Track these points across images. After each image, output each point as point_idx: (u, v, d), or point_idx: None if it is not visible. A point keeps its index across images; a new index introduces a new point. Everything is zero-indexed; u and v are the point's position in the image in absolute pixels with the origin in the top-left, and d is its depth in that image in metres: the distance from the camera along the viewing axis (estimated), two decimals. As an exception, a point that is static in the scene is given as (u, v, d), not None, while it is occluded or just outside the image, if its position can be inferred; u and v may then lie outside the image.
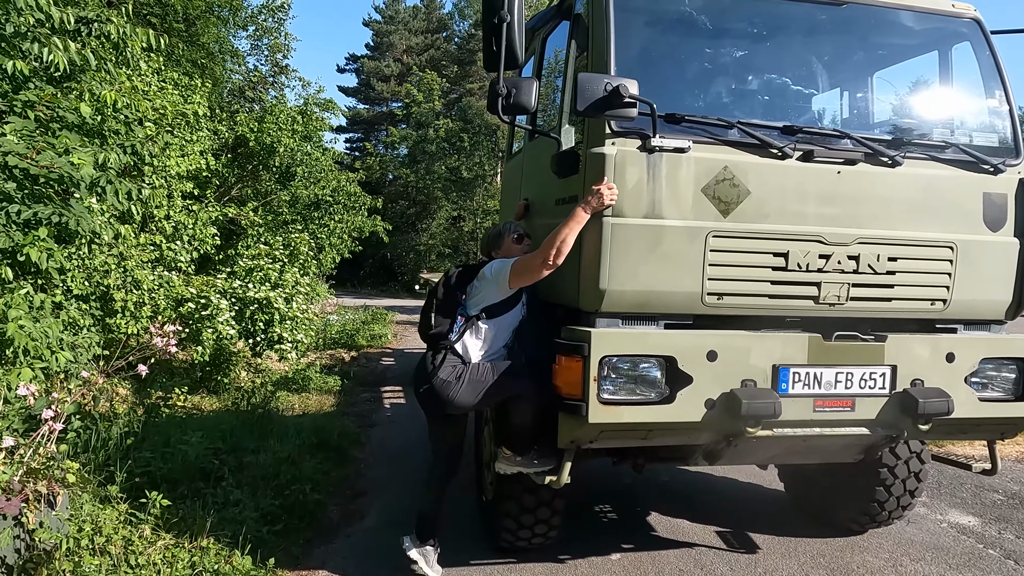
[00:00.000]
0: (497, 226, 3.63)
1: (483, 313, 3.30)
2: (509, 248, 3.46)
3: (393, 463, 5.63)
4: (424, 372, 3.28)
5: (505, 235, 3.50)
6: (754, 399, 2.83)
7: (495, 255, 3.50)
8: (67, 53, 4.68)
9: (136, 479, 4.26)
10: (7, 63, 4.37)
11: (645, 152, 2.85)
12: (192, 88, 9.50)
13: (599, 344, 2.79)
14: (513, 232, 3.50)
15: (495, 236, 3.55)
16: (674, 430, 2.97)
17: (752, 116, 3.10)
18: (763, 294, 3.00)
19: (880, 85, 3.59)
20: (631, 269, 2.86)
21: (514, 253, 3.43)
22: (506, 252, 3.46)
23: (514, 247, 3.46)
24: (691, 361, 2.87)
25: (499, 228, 3.58)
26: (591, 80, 2.71)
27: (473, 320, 3.30)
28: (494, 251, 3.51)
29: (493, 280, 3.27)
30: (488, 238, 3.60)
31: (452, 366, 3.22)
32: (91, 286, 6.73)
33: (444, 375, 3.19)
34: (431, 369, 3.23)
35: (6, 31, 4.58)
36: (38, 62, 4.71)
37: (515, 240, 3.49)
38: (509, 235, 3.49)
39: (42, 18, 4.67)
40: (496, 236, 3.54)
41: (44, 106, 4.48)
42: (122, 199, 4.87)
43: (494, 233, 3.57)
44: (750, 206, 2.95)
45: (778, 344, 2.96)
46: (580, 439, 2.95)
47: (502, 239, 3.49)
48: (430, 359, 3.27)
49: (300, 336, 8.36)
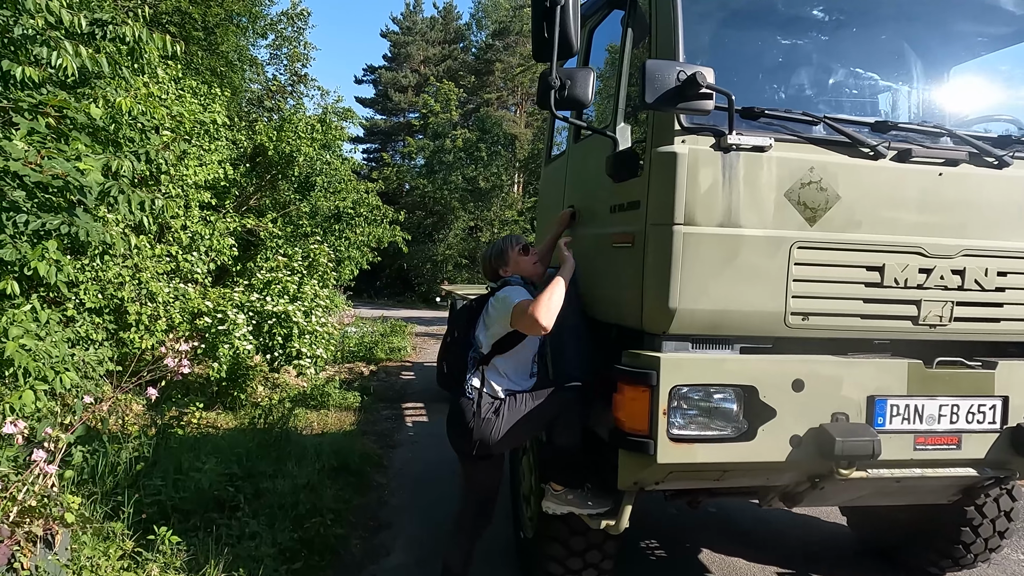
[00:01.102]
0: (495, 243, 3.32)
1: (495, 348, 3.01)
2: (518, 262, 3.21)
3: (417, 489, 5.27)
4: (459, 418, 2.97)
5: (509, 250, 3.23)
6: (849, 436, 2.43)
7: (504, 272, 3.21)
8: (78, 58, 4.41)
9: (144, 511, 3.94)
10: (16, 68, 4.11)
11: (720, 151, 2.48)
12: (211, 96, 9.30)
13: (670, 372, 2.42)
14: (516, 245, 3.25)
15: (497, 255, 3.26)
16: (753, 471, 2.58)
17: (835, 111, 2.73)
18: (855, 314, 2.61)
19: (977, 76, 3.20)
20: (704, 285, 2.49)
21: (524, 266, 3.18)
22: (515, 267, 3.19)
23: (522, 260, 3.21)
24: (774, 391, 2.48)
25: (499, 245, 3.28)
26: (661, 68, 2.36)
27: (488, 358, 3.01)
28: (502, 269, 3.22)
29: (498, 318, 2.99)
30: (490, 258, 3.29)
31: (488, 403, 2.91)
32: (105, 299, 6.48)
33: (481, 414, 2.88)
34: (470, 415, 2.91)
35: (14, 34, 4.32)
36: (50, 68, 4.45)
37: (521, 252, 3.22)
38: (513, 249, 3.23)
39: (53, 21, 4.42)
40: (499, 254, 3.25)
41: (53, 108, 4.20)
42: (135, 209, 4.59)
43: (495, 252, 3.27)
44: (840, 213, 2.57)
45: (873, 372, 2.57)
46: (645, 481, 2.57)
47: (506, 255, 3.22)
48: (465, 405, 2.96)
49: (319, 351, 8.06)
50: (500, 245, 3.27)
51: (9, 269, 4.08)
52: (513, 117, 35.22)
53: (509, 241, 3.27)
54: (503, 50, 36.18)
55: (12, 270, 4.07)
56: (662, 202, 2.51)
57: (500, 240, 3.33)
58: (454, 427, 3.03)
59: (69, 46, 4.39)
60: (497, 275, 3.23)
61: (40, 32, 4.34)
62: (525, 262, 3.22)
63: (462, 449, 3.04)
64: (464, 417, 2.94)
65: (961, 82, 3.20)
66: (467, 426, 2.90)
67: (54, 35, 4.39)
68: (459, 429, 2.97)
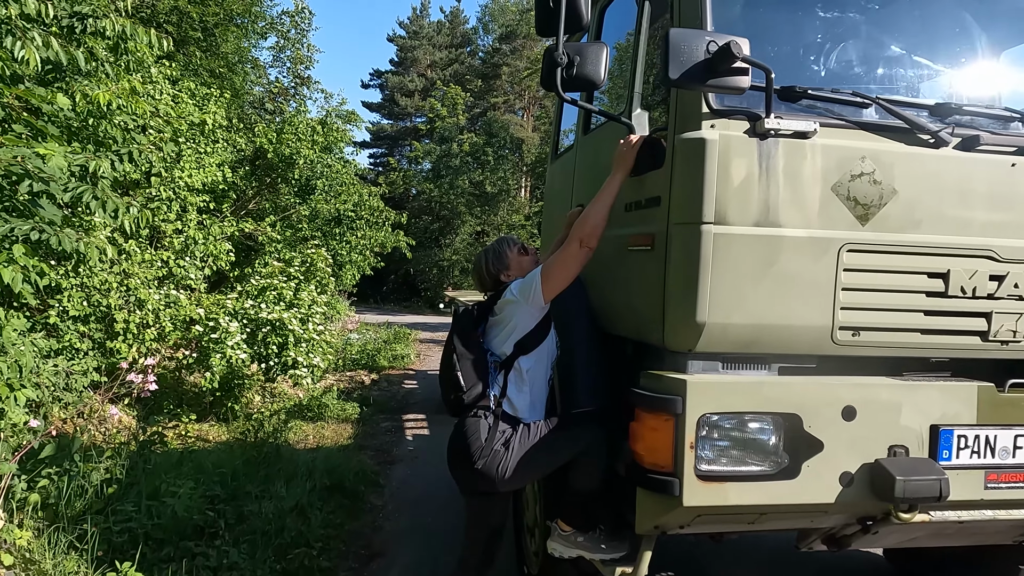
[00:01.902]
0: (488, 249, 3.00)
1: (517, 349, 2.62)
2: (519, 263, 2.89)
3: (415, 512, 4.90)
4: (463, 446, 2.56)
5: (507, 252, 2.92)
6: (912, 475, 2.05)
7: (505, 278, 2.84)
8: (47, 50, 4.08)
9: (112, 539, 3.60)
10: None
11: (756, 137, 2.12)
12: (208, 97, 9.00)
13: (698, 397, 2.04)
14: (513, 245, 2.96)
15: (495, 259, 2.92)
16: (795, 513, 2.20)
17: (886, 92, 2.35)
18: (914, 328, 2.23)
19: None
20: (738, 295, 2.12)
21: (527, 266, 2.82)
22: (518, 269, 2.85)
23: (524, 260, 2.90)
24: (821, 420, 2.10)
25: (495, 249, 2.96)
26: (687, 38, 1.99)
27: (511, 362, 2.62)
28: (503, 274, 2.88)
29: (522, 298, 2.60)
30: (486, 264, 2.94)
31: (501, 432, 2.51)
32: (90, 306, 6.16)
33: (487, 447, 2.48)
34: (477, 444, 2.50)
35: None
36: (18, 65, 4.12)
37: (521, 252, 2.93)
38: (511, 250, 2.93)
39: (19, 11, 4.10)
40: (497, 257, 2.92)
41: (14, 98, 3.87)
42: (108, 215, 4.25)
43: (492, 257, 2.94)
44: (896, 210, 2.19)
45: (938, 397, 2.18)
46: (667, 525, 2.20)
47: (505, 258, 2.91)
48: (471, 429, 2.54)
49: (316, 360, 7.71)
50: (496, 248, 2.92)
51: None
52: (520, 121, 34.94)
53: (505, 243, 2.95)
54: (510, 54, 35.94)
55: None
56: (688, 197, 2.14)
57: (494, 244, 2.98)
58: (456, 455, 2.63)
59: (39, 36, 4.06)
60: (498, 282, 2.86)
61: (5, 21, 4.02)
62: (527, 262, 2.87)
63: (463, 483, 2.66)
64: (468, 444, 2.54)
65: None
66: (470, 457, 2.51)
67: (20, 24, 4.07)
68: (461, 458, 2.58)
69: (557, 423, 2.55)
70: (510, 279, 2.80)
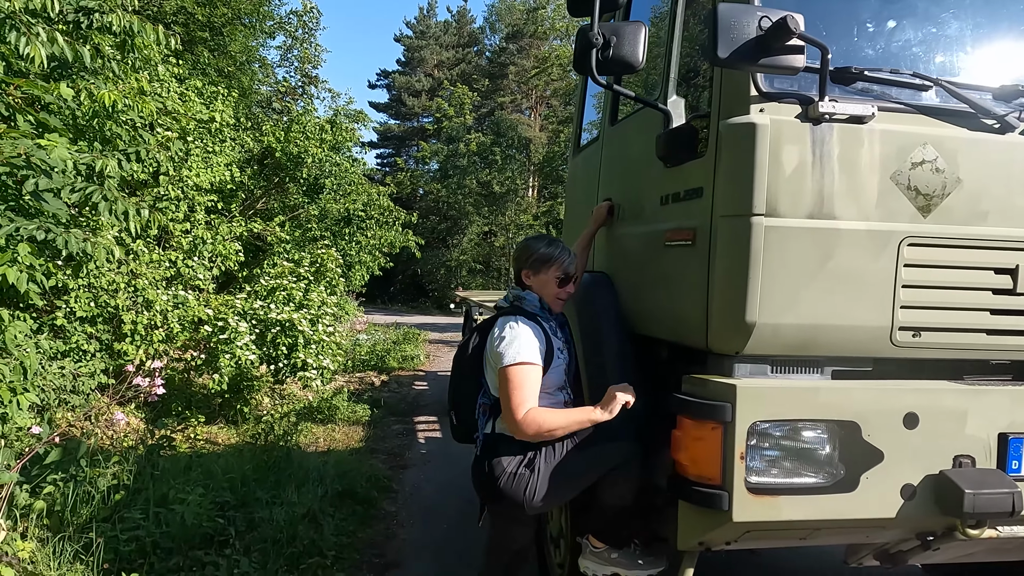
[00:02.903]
0: (547, 242, 2.62)
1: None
2: (546, 284, 2.55)
3: (428, 518, 4.75)
4: (481, 475, 2.41)
5: (554, 263, 2.54)
6: (982, 488, 1.89)
7: (528, 279, 2.57)
8: (52, 46, 3.95)
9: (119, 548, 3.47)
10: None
11: (809, 122, 1.96)
12: (214, 95, 8.89)
13: (749, 404, 1.88)
14: (565, 267, 2.55)
15: (540, 259, 2.55)
16: (852, 528, 2.04)
17: (947, 74, 2.19)
18: (980, 328, 2.07)
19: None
20: (791, 293, 1.96)
21: (548, 291, 2.55)
22: (540, 286, 2.56)
23: (551, 284, 2.55)
24: (881, 428, 1.94)
25: (550, 250, 2.57)
26: (737, 13, 1.83)
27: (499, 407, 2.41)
28: (530, 275, 2.57)
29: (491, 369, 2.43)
30: (528, 254, 2.59)
31: (512, 455, 2.33)
32: (97, 307, 6.06)
33: (510, 469, 2.30)
34: (501, 469, 2.34)
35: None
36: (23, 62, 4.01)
37: (559, 281, 2.55)
38: (557, 267, 2.54)
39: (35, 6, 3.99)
40: (542, 260, 2.55)
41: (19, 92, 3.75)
42: (119, 217, 4.12)
43: (542, 253, 2.56)
44: (960, 201, 2.03)
45: (1007, 402, 2.01)
46: (713, 541, 2.04)
47: (547, 267, 2.54)
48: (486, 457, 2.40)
49: (326, 362, 7.57)
50: (550, 252, 2.57)
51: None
52: (527, 120, 34.81)
53: (563, 254, 2.57)
54: (517, 53, 35.81)
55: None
56: (735, 188, 1.98)
57: (558, 245, 2.61)
58: (480, 486, 2.47)
59: (43, 32, 3.94)
60: (520, 276, 2.62)
61: (10, 16, 3.90)
62: (552, 290, 2.56)
63: (491, 507, 2.51)
64: (491, 468, 2.37)
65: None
66: (495, 485, 2.34)
67: (25, 19, 3.95)
68: (487, 490, 2.41)
69: (585, 437, 2.37)
70: (527, 280, 2.59)
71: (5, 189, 3.74)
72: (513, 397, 2.24)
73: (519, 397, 2.24)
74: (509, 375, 2.26)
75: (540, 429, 2.25)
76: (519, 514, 2.38)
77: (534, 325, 2.41)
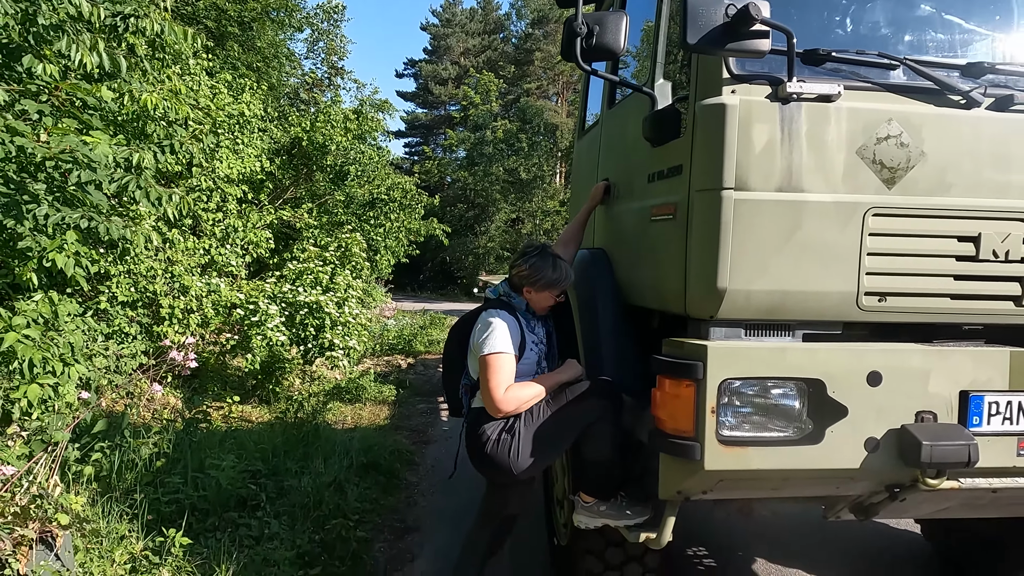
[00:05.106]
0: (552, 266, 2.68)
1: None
2: (544, 299, 2.72)
3: (448, 490, 4.99)
4: (471, 446, 2.67)
5: (557, 287, 2.70)
6: (938, 440, 2.03)
7: (528, 294, 2.73)
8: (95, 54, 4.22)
9: (161, 509, 3.78)
10: (37, 66, 3.96)
11: (778, 102, 2.10)
12: (242, 88, 9.21)
13: (719, 363, 2.05)
14: (563, 281, 2.70)
15: (547, 283, 2.67)
16: (819, 479, 2.19)
17: (915, 53, 2.30)
18: (943, 293, 2.19)
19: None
20: (761, 261, 2.11)
21: (542, 303, 2.73)
22: (537, 299, 2.73)
23: (548, 299, 2.73)
24: (845, 386, 2.09)
25: (557, 275, 2.67)
26: (705, 2, 1.98)
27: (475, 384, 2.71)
28: (532, 291, 2.70)
29: (473, 356, 2.71)
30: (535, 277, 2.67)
31: (495, 425, 2.57)
32: (137, 292, 6.42)
33: (493, 436, 2.54)
34: (486, 438, 2.59)
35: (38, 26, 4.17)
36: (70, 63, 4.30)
37: (555, 297, 2.74)
38: (559, 289, 2.71)
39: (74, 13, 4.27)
40: (548, 284, 2.67)
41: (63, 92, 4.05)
42: (153, 203, 4.42)
43: (551, 279, 2.67)
44: (924, 173, 2.15)
45: (968, 363, 2.14)
46: (690, 490, 2.21)
47: (551, 289, 2.69)
48: (470, 433, 2.66)
49: (352, 343, 7.87)
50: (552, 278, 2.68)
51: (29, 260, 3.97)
52: (554, 107, 34.76)
53: (561, 271, 2.70)
54: (543, 39, 35.73)
55: (31, 262, 3.96)
56: (708, 164, 2.14)
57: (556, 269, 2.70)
58: (470, 454, 2.72)
59: (87, 39, 4.22)
60: (519, 286, 2.75)
61: (60, 24, 4.19)
62: (542, 298, 2.72)
63: (485, 476, 2.76)
64: (474, 443, 2.63)
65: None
66: (483, 451, 2.58)
67: (74, 27, 4.24)
68: (476, 457, 2.65)
69: (561, 398, 2.58)
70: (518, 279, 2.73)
71: (52, 181, 4.06)
72: (491, 380, 2.51)
73: (496, 380, 2.50)
74: (488, 362, 2.53)
75: (520, 403, 2.52)
76: (509, 479, 2.59)
77: (512, 320, 2.66)
